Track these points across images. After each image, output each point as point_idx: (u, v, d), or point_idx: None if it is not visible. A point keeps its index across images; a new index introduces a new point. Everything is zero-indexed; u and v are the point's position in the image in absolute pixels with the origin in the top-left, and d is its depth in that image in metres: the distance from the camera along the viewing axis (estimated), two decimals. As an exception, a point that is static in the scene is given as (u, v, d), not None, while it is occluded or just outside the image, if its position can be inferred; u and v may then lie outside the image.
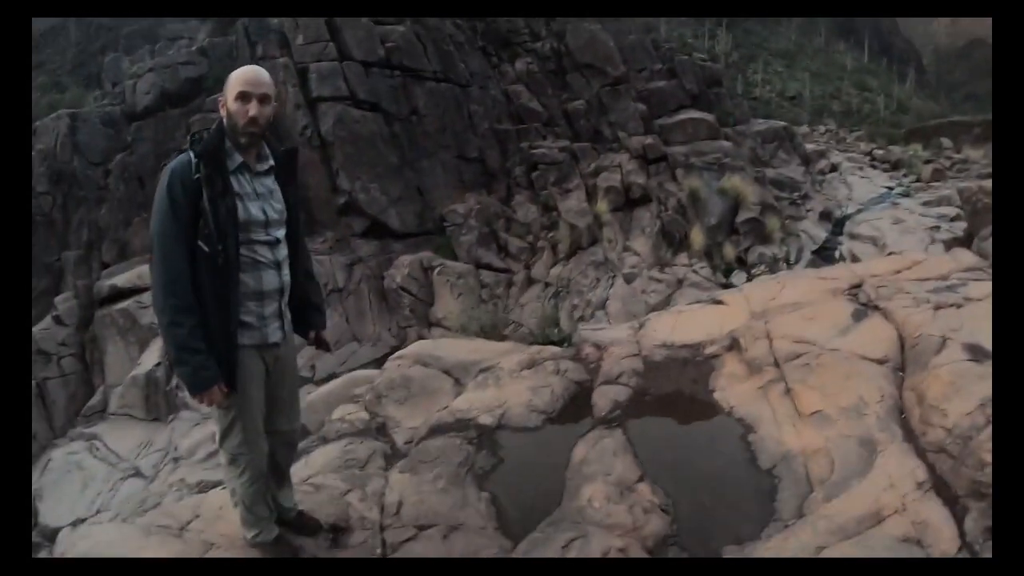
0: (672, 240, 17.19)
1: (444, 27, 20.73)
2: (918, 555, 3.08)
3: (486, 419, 4.75)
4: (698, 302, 6.60)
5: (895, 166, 29.98)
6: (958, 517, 3.24)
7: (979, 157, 28.01)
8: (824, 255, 18.18)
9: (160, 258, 2.92)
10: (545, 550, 3.48)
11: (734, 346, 5.09)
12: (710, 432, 4.40)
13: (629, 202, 18.22)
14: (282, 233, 3.22)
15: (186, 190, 2.90)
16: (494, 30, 21.97)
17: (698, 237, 16.94)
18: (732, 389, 4.67)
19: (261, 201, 3.12)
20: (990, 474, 3.18)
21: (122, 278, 16.81)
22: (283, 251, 3.23)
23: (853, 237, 19.14)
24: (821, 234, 19.58)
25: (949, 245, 16.16)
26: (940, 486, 3.42)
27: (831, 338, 4.74)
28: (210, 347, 2.96)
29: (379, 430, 5.17)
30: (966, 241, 13.96)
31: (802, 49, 72.02)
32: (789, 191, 21.43)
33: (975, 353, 3.97)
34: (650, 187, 18.34)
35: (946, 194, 21.56)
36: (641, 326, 5.89)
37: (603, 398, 4.83)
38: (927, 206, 21.14)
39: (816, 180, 24.56)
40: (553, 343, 7.29)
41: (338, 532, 3.72)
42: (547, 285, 16.64)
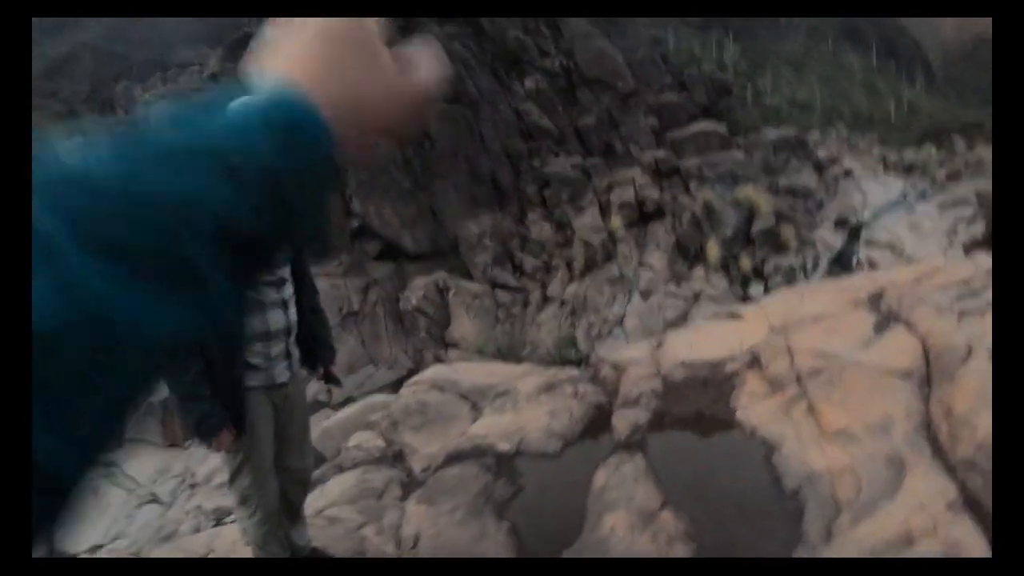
0: (687, 254, 17.10)
1: (453, 47, 20.80)
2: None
3: (504, 445, 4.67)
4: (716, 317, 6.51)
5: (909, 169, 29.71)
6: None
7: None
8: (841, 263, 18.02)
9: None
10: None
11: (754, 363, 4.97)
12: (732, 453, 4.29)
13: (643, 217, 18.16)
14: (287, 271, 3.16)
15: None
16: (503, 49, 22.05)
17: (713, 250, 16.83)
18: (754, 408, 4.54)
19: None
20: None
21: (138, 304, 16.84)
22: (289, 289, 3.18)
23: (870, 243, 18.98)
24: (837, 242, 19.41)
25: (968, 247, 16.01)
26: (972, 504, 3.30)
27: (854, 351, 4.62)
28: (216, 392, 2.90)
29: (396, 457, 5.11)
30: (985, 243, 13.79)
31: (810, 55, 71.80)
32: (803, 199, 21.28)
33: (1002, 361, 3.87)
34: (664, 201, 18.28)
35: (962, 195, 21.35)
36: (659, 344, 5.79)
37: (622, 421, 4.73)
38: (943, 208, 20.94)
39: (830, 187, 24.36)
40: (571, 364, 7.21)
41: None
42: (563, 303, 16.55)
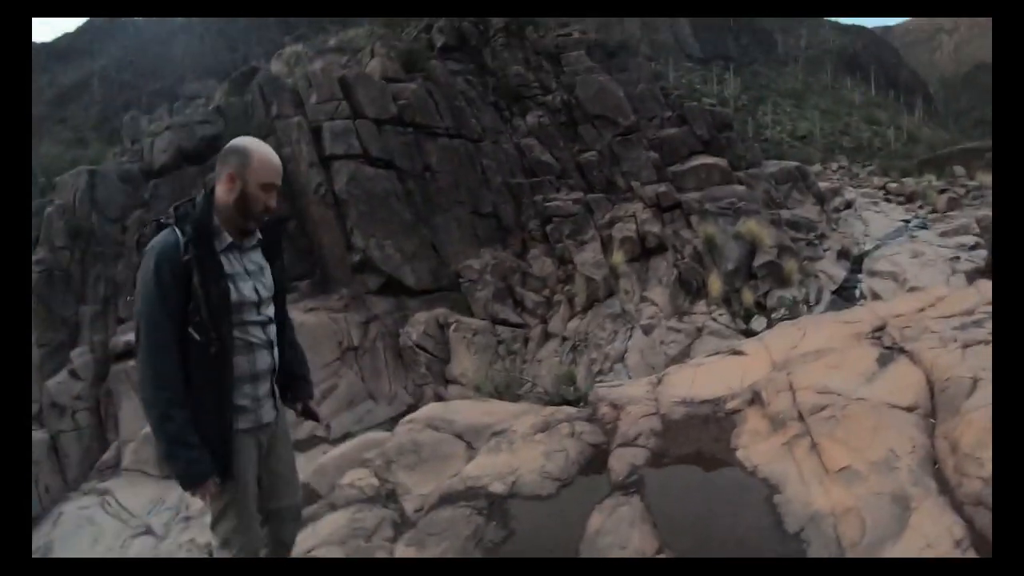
0: (690, 288, 17.03)
1: (455, 83, 20.99)
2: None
3: (497, 487, 4.57)
4: (717, 353, 6.39)
5: (910, 198, 29.87)
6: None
7: (993, 182, 27.89)
8: (844, 294, 17.96)
9: (149, 348, 2.72)
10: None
11: (756, 400, 4.86)
12: (733, 495, 4.16)
13: (645, 252, 18.11)
14: (272, 311, 3.08)
15: (175, 274, 2.71)
16: (504, 85, 22.23)
17: (716, 284, 16.76)
18: (755, 447, 4.43)
19: (252, 280, 2.95)
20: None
21: (137, 334, 16.81)
22: (274, 329, 3.09)
23: (872, 274, 18.94)
24: (840, 273, 19.37)
25: (971, 276, 15.95)
26: (979, 543, 3.16)
27: (857, 387, 4.50)
28: (204, 438, 2.78)
29: (388, 497, 5.02)
30: (987, 271, 13.76)
31: (810, 87, 72.67)
32: (805, 231, 21.29)
33: (1009, 393, 3.77)
34: (665, 235, 18.25)
35: (963, 223, 21.44)
36: (659, 381, 5.69)
37: (620, 462, 4.62)
38: (945, 236, 21.01)
39: (832, 218, 24.44)
40: (569, 403, 7.10)
41: None
42: (564, 339, 16.46)
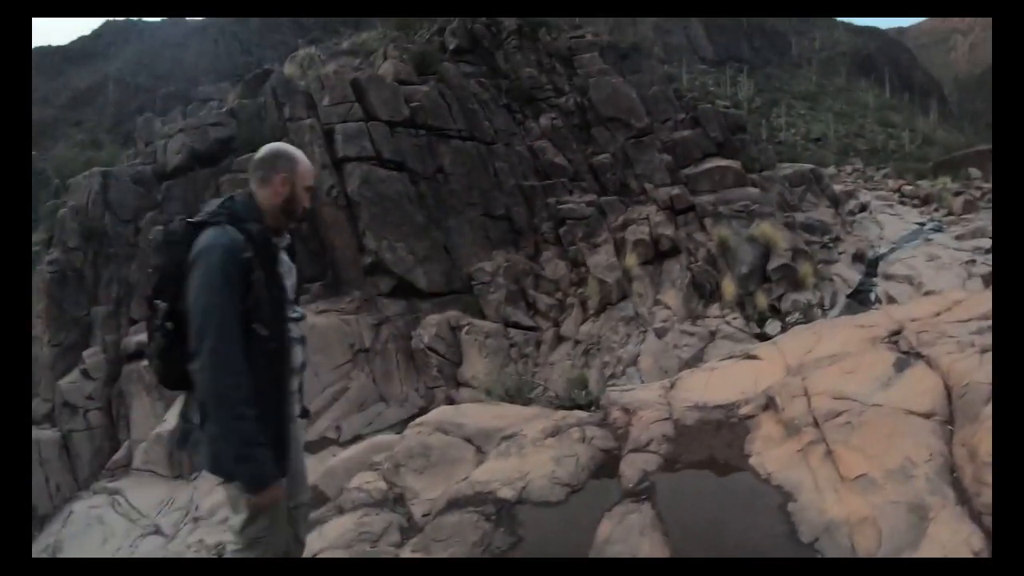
0: (703, 291, 16.93)
1: (468, 85, 20.96)
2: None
3: (506, 492, 4.51)
4: (731, 357, 6.30)
5: (925, 201, 29.66)
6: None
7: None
8: (859, 298, 17.82)
9: (220, 345, 2.70)
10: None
11: (770, 405, 4.77)
12: (746, 502, 4.07)
13: (658, 255, 18.03)
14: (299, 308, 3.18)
15: (239, 271, 2.75)
16: (517, 87, 22.19)
17: (729, 287, 16.65)
18: (769, 453, 4.34)
19: (290, 278, 3.07)
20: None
21: (149, 335, 16.89)
22: (303, 326, 3.17)
23: (888, 278, 18.80)
24: (855, 276, 19.23)
25: (987, 279, 15.78)
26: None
27: (873, 392, 4.38)
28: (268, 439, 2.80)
29: (396, 501, 5.02)
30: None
31: (824, 90, 72.26)
32: (820, 234, 21.16)
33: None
34: (679, 238, 18.16)
35: (979, 225, 21.26)
36: (672, 385, 5.62)
37: (631, 467, 4.55)
38: (961, 240, 20.87)
39: (846, 221, 24.29)
40: (580, 407, 7.04)
41: None
42: (577, 342, 16.38)
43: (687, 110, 23.45)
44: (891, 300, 16.37)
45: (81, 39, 66.16)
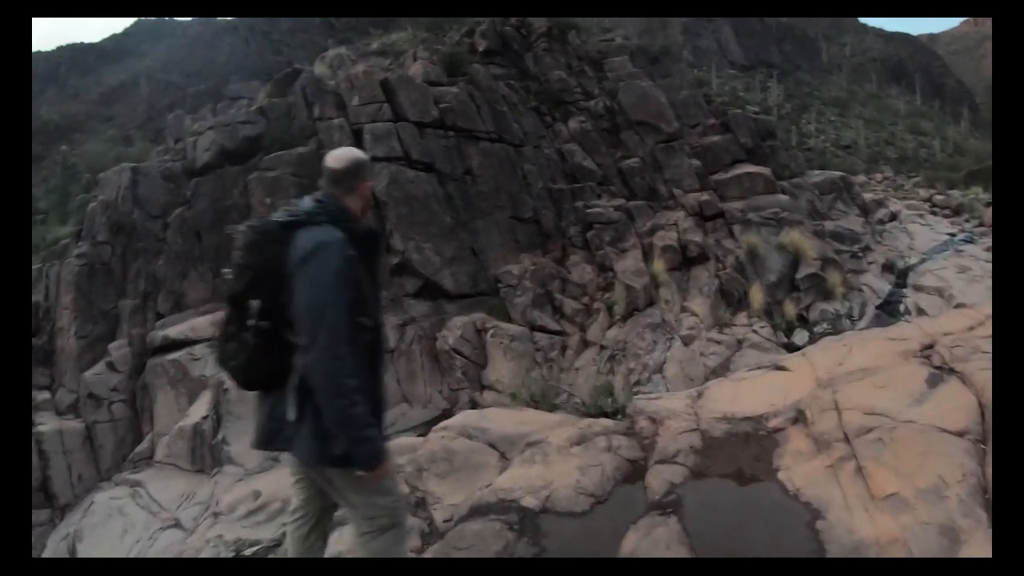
0: (731, 299, 16.80)
1: (497, 87, 20.93)
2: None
3: (530, 501, 4.46)
4: (760, 368, 6.21)
5: (956, 211, 29.27)
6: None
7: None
8: (888, 309, 17.62)
9: (337, 336, 2.86)
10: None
11: (799, 419, 4.67)
12: (773, 519, 3.98)
13: (686, 261, 17.90)
14: None
15: (350, 268, 2.94)
16: (546, 89, 22.13)
17: (757, 295, 16.51)
18: (798, 468, 4.24)
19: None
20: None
21: (175, 329, 17.06)
22: None
23: (918, 289, 18.60)
24: (884, 287, 19.04)
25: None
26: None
27: (905, 408, 4.28)
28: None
29: (418, 505, 4.98)
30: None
31: (854, 96, 71.52)
32: (849, 243, 20.94)
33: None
34: (707, 245, 18.03)
35: (1011, 237, 20.84)
36: (699, 395, 5.53)
37: (657, 479, 4.48)
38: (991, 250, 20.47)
39: (876, 230, 24.02)
40: (606, 414, 6.97)
41: None
42: (602, 348, 16.29)
43: (717, 115, 23.31)
44: (921, 312, 16.19)
45: (113, 36, 66.83)
